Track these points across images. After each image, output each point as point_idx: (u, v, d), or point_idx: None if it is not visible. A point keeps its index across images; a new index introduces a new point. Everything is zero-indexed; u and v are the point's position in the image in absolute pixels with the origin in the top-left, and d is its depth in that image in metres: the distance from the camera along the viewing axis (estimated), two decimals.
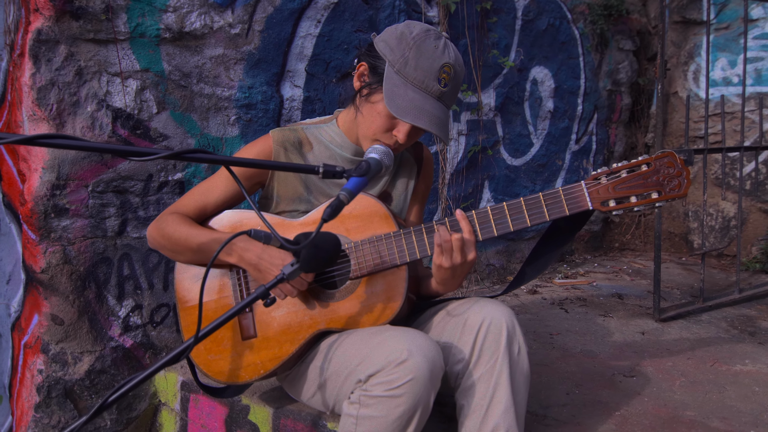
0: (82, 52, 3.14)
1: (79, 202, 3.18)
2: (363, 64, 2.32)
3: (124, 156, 1.71)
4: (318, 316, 2.34)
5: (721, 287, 5.19)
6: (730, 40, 6.23)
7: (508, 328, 2.21)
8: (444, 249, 2.16)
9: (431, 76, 2.19)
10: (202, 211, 2.46)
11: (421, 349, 2.04)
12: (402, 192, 2.59)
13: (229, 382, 2.46)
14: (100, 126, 3.20)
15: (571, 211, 2.15)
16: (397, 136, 2.27)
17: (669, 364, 3.47)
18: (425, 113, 2.19)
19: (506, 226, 2.19)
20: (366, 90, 2.31)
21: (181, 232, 2.36)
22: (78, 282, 3.21)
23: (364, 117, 2.33)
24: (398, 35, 2.24)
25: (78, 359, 3.25)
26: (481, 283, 5.28)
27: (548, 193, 2.16)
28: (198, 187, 2.49)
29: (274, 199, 2.49)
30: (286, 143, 2.45)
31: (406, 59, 2.19)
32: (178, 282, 2.51)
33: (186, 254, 2.40)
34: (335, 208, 1.89)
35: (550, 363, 3.50)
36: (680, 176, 2.09)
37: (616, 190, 2.11)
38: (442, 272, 2.22)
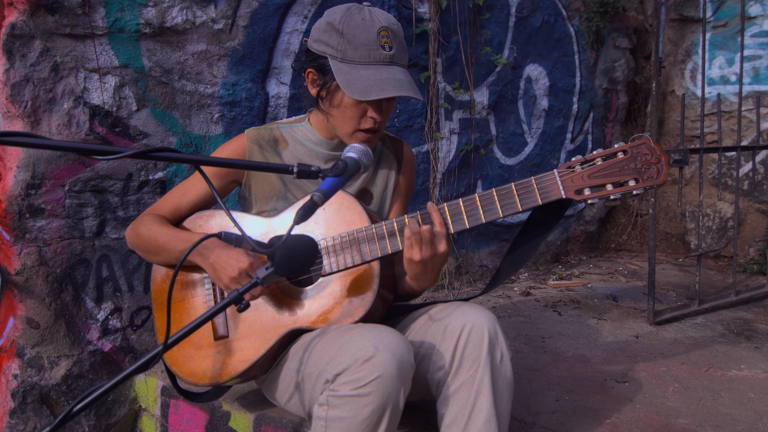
0: (59, 47, 3.05)
1: (56, 201, 3.09)
2: (310, 71, 2.32)
3: (87, 155, 1.64)
4: (289, 314, 2.28)
5: (718, 289, 5.10)
6: (728, 38, 6.14)
7: (490, 334, 2.12)
8: (414, 242, 2.09)
9: (373, 46, 2.17)
10: (177, 211, 2.44)
11: (388, 345, 1.96)
12: (382, 189, 2.53)
13: (201, 384, 2.38)
14: (77, 124, 3.10)
15: (543, 200, 2.08)
16: (373, 117, 2.25)
17: (663, 368, 3.38)
18: (386, 82, 2.15)
19: (478, 217, 2.12)
20: (324, 92, 2.29)
21: (152, 231, 2.34)
22: (54, 284, 3.12)
23: (335, 117, 2.31)
24: (324, 28, 2.23)
25: (54, 364, 3.16)
26: (473, 285, 5.19)
27: (520, 182, 2.09)
28: (177, 187, 2.49)
29: (252, 198, 2.45)
30: (261, 141, 2.41)
31: (343, 45, 2.18)
32: (154, 282, 2.48)
33: (155, 254, 2.39)
34: (308, 210, 1.80)
35: (540, 368, 3.41)
36: (658, 163, 2.01)
37: (591, 178, 2.03)
38: (413, 266, 2.14)
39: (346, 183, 1.95)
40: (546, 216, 2.29)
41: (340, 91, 2.21)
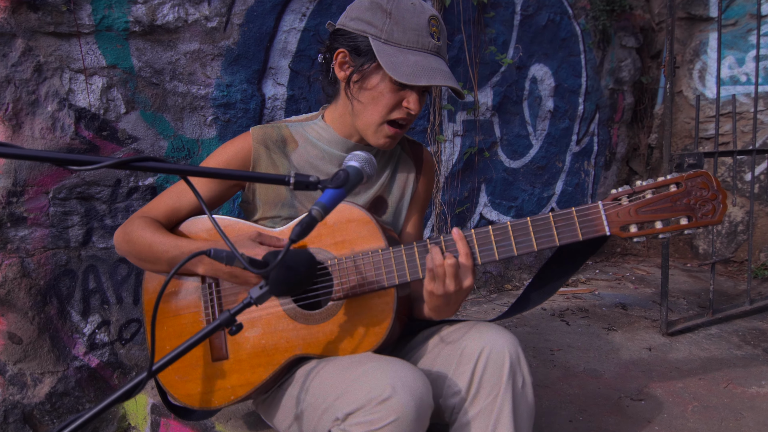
0: (42, 46, 2.87)
1: (39, 210, 2.91)
2: (341, 51, 2.08)
3: (62, 165, 1.47)
4: (295, 339, 2.09)
5: (730, 296, 4.94)
6: (738, 37, 5.98)
7: (512, 358, 1.94)
8: (436, 274, 1.90)
9: (424, 33, 2.00)
10: (174, 215, 2.21)
11: (407, 385, 1.77)
12: (398, 197, 2.32)
13: (197, 407, 2.21)
14: (61, 127, 2.93)
15: (585, 236, 1.88)
16: (408, 107, 2.05)
17: (679, 385, 3.21)
18: (435, 71, 1.98)
19: (509, 249, 1.92)
20: (357, 75, 2.06)
21: (146, 238, 2.11)
22: (38, 297, 2.94)
23: (364, 104, 2.08)
24: (368, 6, 2.04)
25: (38, 381, 2.98)
26: (477, 292, 5.02)
27: (560, 213, 1.88)
28: (171, 188, 2.24)
29: (255, 204, 2.23)
30: (268, 141, 2.19)
31: (390, 26, 1.98)
32: (146, 292, 2.27)
33: (150, 262, 2.15)
34: (306, 226, 1.62)
35: (551, 384, 3.24)
36: (715, 200, 1.81)
37: (638, 213, 1.83)
38: (434, 300, 1.96)
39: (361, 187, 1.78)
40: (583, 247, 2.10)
41: (377, 74, 2.02)
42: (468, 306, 4.66)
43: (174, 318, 2.21)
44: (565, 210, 1.88)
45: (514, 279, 5.45)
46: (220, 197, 2.24)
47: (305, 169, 2.20)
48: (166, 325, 2.21)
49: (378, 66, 2.00)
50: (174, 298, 2.20)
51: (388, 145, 2.11)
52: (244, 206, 2.31)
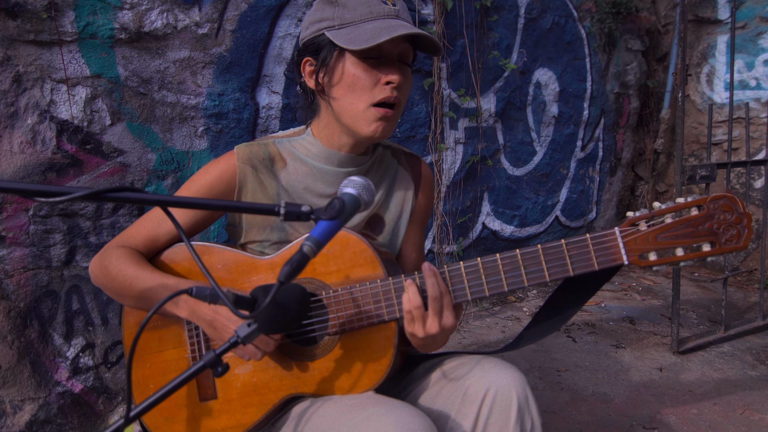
0: (21, 55, 2.71)
1: (18, 228, 2.76)
2: (305, 61, 1.94)
3: (27, 196, 1.31)
4: (289, 377, 1.93)
5: (741, 309, 4.79)
6: (747, 41, 5.82)
7: (519, 400, 1.78)
8: (414, 317, 1.75)
9: (374, 3, 1.85)
10: (153, 243, 2.03)
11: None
12: (396, 215, 2.15)
13: None
14: (42, 141, 2.77)
15: (601, 266, 1.71)
16: (390, 79, 1.86)
17: (694, 411, 3.06)
18: (396, 27, 1.81)
19: (519, 280, 1.76)
20: (322, 73, 1.91)
21: (126, 273, 1.93)
22: (18, 320, 2.79)
23: (341, 99, 1.91)
24: (315, 8, 1.92)
25: (18, 408, 2.83)
26: (479, 305, 4.86)
27: (573, 241, 1.72)
28: (150, 214, 2.06)
29: (242, 227, 2.05)
30: (255, 160, 2.01)
31: (339, 12, 1.85)
32: (126, 326, 2.10)
33: (132, 299, 1.97)
34: (296, 265, 1.45)
35: (558, 410, 3.09)
36: (740, 224, 1.64)
37: (658, 239, 1.66)
38: (417, 341, 1.80)
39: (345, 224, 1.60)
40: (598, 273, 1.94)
41: (341, 61, 1.87)
42: (471, 321, 4.51)
43: (158, 354, 2.04)
44: (579, 238, 1.72)
45: (517, 290, 5.29)
46: (203, 223, 2.07)
47: (295, 189, 2.03)
48: (149, 362, 2.05)
49: (341, 52, 1.86)
50: (157, 333, 2.04)
51: (383, 130, 1.91)
52: (230, 229, 2.14)
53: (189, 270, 2.02)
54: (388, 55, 1.85)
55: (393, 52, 1.86)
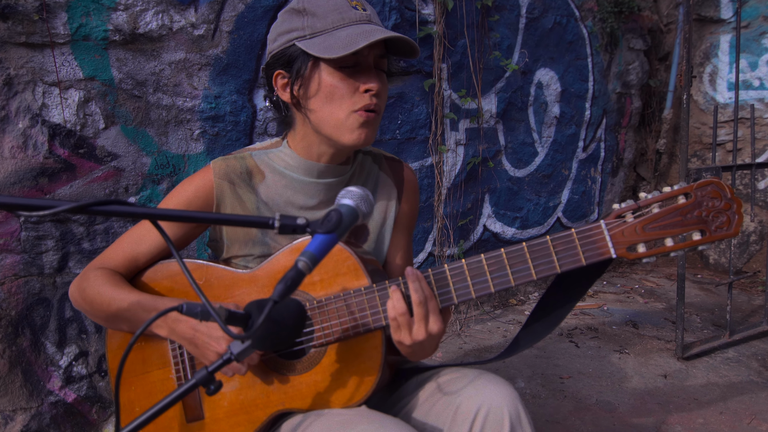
0: (12, 58, 2.65)
1: (9, 235, 2.69)
2: (278, 73, 1.86)
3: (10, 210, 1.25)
4: (277, 393, 1.86)
5: (745, 313, 4.72)
6: (751, 40, 5.76)
7: (511, 419, 1.71)
8: (400, 324, 1.69)
9: (344, 9, 1.78)
10: (133, 263, 1.96)
11: None
12: (380, 222, 2.08)
13: None
14: (34, 145, 2.71)
15: (588, 261, 1.65)
16: (368, 87, 1.79)
17: (700, 420, 3.00)
18: (371, 32, 1.74)
19: (505, 280, 1.70)
20: (296, 85, 1.83)
21: (104, 295, 1.87)
22: (9, 328, 2.73)
23: (319, 111, 1.83)
24: (282, 19, 1.85)
25: (9, 419, 2.77)
26: (480, 308, 4.80)
27: (558, 237, 1.66)
28: (129, 232, 1.99)
29: (224, 242, 1.99)
30: (232, 175, 1.94)
31: (309, 21, 1.78)
32: (109, 349, 2.04)
33: (111, 321, 1.92)
34: (290, 282, 1.38)
35: (562, 419, 3.03)
36: (729, 210, 1.58)
37: (646, 230, 1.60)
38: (404, 348, 1.74)
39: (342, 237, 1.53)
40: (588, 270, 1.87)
41: (316, 72, 1.79)
42: (472, 325, 4.45)
43: (142, 376, 1.98)
44: (565, 233, 1.66)
45: (519, 293, 5.23)
46: (185, 240, 2.00)
47: (276, 203, 1.96)
48: (134, 385, 1.98)
49: (315, 62, 1.78)
50: (141, 354, 1.97)
51: (366, 137, 1.84)
52: (212, 245, 2.07)
53: (170, 288, 1.96)
54: (364, 62, 1.78)
55: (369, 59, 1.80)
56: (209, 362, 1.75)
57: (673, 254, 1.63)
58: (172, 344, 1.94)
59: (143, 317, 1.82)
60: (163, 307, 1.80)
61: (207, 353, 1.75)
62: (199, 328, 1.75)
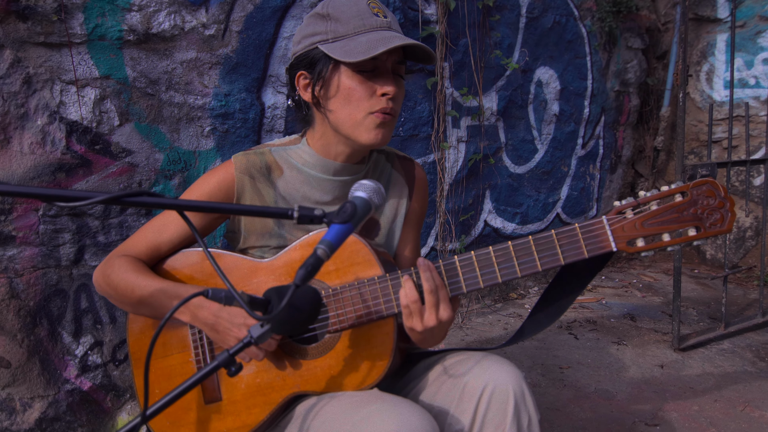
0: (31, 57, 2.74)
1: (28, 228, 2.79)
2: (300, 74, 1.97)
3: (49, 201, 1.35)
4: (292, 376, 1.96)
5: (741, 306, 4.83)
6: (747, 39, 5.85)
7: (516, 396, 1.82)
8: (412, 311, 1.79)
9: (366, 16, 1.88)
10: (155, 251, 2.06)
11: (414, 430, 1.65)
12: (391, 218, 2.19)
13: None
14: (52, 141, 2.80)
15: (590, 253, 1.77)
16: (383, 90, 1.90)
17: (695, 408, 3.10)
18: (390, 38, 1.84)
19: (512, 271, 1.80)
20: (318, 86, 1.94)
21: (128, 282, 1.97)
22: (27, 318, 2.82)
23: (338, 111, 1.94)
24: (307, 23, 1.96)
25: (28, 406, 2.86)
26: (482, 302, 4.90)
27: (562, 231, 1.77)
28: (151, 222, 2.09)
29: (241, 233, 2.09)
30: (252, 170, 2.04)
31: (332, 26, 1.89)
32: (131, 333, 2.13)
33: (134, 306, 2.01)
34: (311, 268, 1.48)
35: (561, 407, 3.13)
36: (722, 208, 1.70)
37: (644, 226, 1.72)
38: (415, 335, 1.85)
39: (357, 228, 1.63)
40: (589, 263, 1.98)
41: (336, 74, 1.90)
42: (473, 318, 4.55)
43: (162, 359, 2.07)
44: (568, 227, 1.77)
45: (519, 287, 5.33)
46: (204, 231, 2.11)
47: (293, 197, 2.06)
48: (155, 368, 2.07)
49: (336, 65, 1.89)
50: (161, 339, 2.07)
51: (381, 137, 1.94)
52: (229, 236, 2.17)
53: (190, 276, 2.06)
54: (382, 67, 1.89)
55: (387, 64, 1.89)
56: (229, 347, 1.84)
57: (669, 248, 1.74)
58: (192, 329, 2.04)
59: (166, 303, 1.92)
60: (185, 293, 1.89)
61: (227, 338, 1.85)
62: (221, 315, 1.85)
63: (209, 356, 2.03)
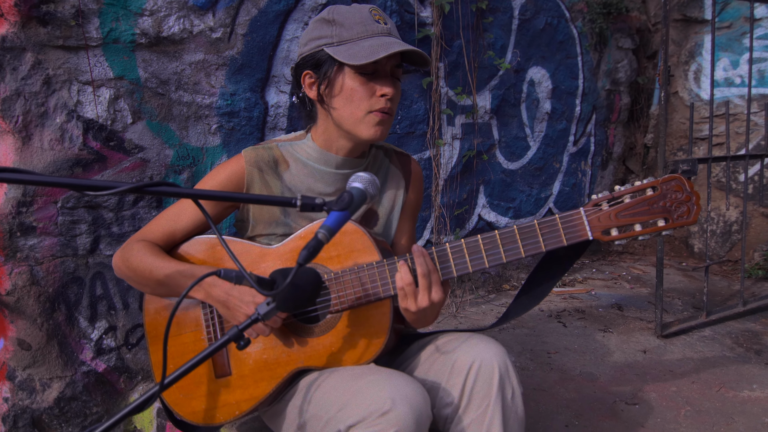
0: (51, 59, 2.94)
1: (48, 219, 2.98)
2: (306, 74, 2.16)
3: (80, 190, 1.54)
4: (296, 352, 2.15)
5: (724, 297, 5.02)
6: (733, 40, 6.04)
7: (500, 371, 2.01)
8: (407, 293, 1.98)
9: (368, 22, 2.07)
10: (171, 237, 2.25)
11: (406, 398, 1.85)
12: (389, 209, 2.38)
13: (203, 424, 2.26)
14: (69, 138, 3.00)
15: (569, 241, 1.96)
16: (384, 93, 2.09)
17: (673, 389, 3.29)
18: (391, 44, 2.04)
19: (498, 257, 1.99)
20: (323, 85, 2.13)
21: (147, 263, 2.16)
22: (47, 304, 3.01)
23: (340, 109, 2.13)
24: (313, 26, 2.14)
25: (47, 386, 3.06)
26: (476, 293, 5.09)
27: (544, 221, 1.96)
28: (167, 211, 2.29)
29: (250, 222, 2.28)
30: (261, 163, 2.24)
31: (337, 30, 2.07)
32: (147, 313, 2.32)
33: (152, 287, 2.20)
34: (312, 249, 1.68)
35: (548, 388, 3.32)
36: (689, 201, 1.89)
37: (618, 217, 1.91)
38: (410, 315, 2.03)
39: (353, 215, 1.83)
40: (569, 251, 2.18)
41: (340, 75, 2.09)
42: (467, 307, 4.74)
43: (176, 337, 2.26)
44: (550, 218, 1.96)
45: (512, 279, 5.53)
46: (216, 219, 2.29)
47: (298, 189, 2.25)
48: (169, 345, 2.26)
49: (340, 67, 2.07)
50: (175, 318, 2.25)
51: (380, 133, 2.14)
52: (238, 224, 2.36)
53: (202, 261, 2.25)
54: (382, 70, 2.08)
55: (386, 67, 2.09)
56: (239, 323, 2.04)
57: (641, 238, 1.93)
58: (204, 309, 2.23)
59: (182, 282, 2.11)
60: (200, 274, 2.09)
61: (237, 314, 2.04)
62: (232, 293, 2.05)
63: (220, 334, 2.22)
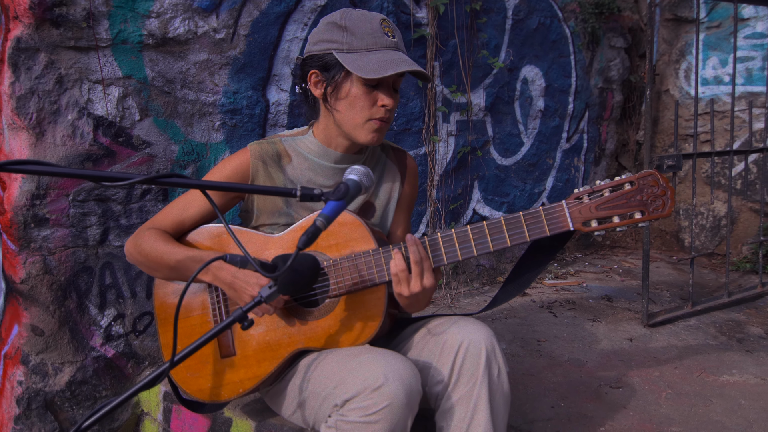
0: (63, 59, 3.09)
1: (60, 211, 3.13)
2: (313, 72, 2.31)
3: (97, 181, 1.69)
4: (297, 334, 2.31)
5: (711, 289, 5.17)
6: (722, 39, 6.18)
7: (487, 350, 2.17)
8: (400, 279, 2.13)
9: (378, 34, 2.21)
10: (180, 226, 2.42)
11: (398, 373, 2.01)
12: (385, 202, 2.54)
13: (208, 401, 2.43)
14: (81, 134, 3.15)
15: (552, 232, 2.11)
16: (384, 104, 2.25)
17: (656, 374, 3.44)
18: (397, 62, 2.19)
19: (486, 246, 2.14)
20: (330, 88, 2.28)
21: (158, 249, 2.32)
22: (59, 292, 3.17)
23: (343, 112, 2.29)
24: (325, 28, 2.27)
25: (59, 370, 3.21)
26: (470, 285, 5.24)
27: (528, 212, 2.11)
28: (176, 201, 2.45)
29: (254, 212, 2.45)
30: (265, 156, 2.40)
31: (348, 37, 2.21)
32: (157, 297, 2.48)
33: (163, 271, 2.36)
34: (311, 235, 1.85)
35: (536, 372, 3.48)
36: (664, 195, 2.05)
37: (598, 209, 2.07)
38: (403, 300, 2.18)
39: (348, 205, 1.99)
40: (552, 242, 2.34)
41: (347, 81, 2.23)
42: (461, 298, 4.89)
43: (184, 320, 2.43)
44: (533, 210, 2.12)
45: (505, 272, 5.67)
46: (223, 209, 2.46)
47: (299, 181, 2.41)
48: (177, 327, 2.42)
49: (347, 74, 2.22)
50: (184, 302, 2.42)
51: (376, 139, 2.31)
52: (243, 215, 2.53)
53: (209, 248, 2.41)
54: (384, 82, 2.25)
55: (389, 80, 2.25)
56: (244, 303, 2.20)
57: (618, 229, 2.10)
58: (210, 293, 2.40)
59: (192, 267, 2.27)
60: (208, 258, 2.25)
61: (242, 296, 2.20)
62: (238, 276, 2.21)
63: (225, 316, 2.38)
